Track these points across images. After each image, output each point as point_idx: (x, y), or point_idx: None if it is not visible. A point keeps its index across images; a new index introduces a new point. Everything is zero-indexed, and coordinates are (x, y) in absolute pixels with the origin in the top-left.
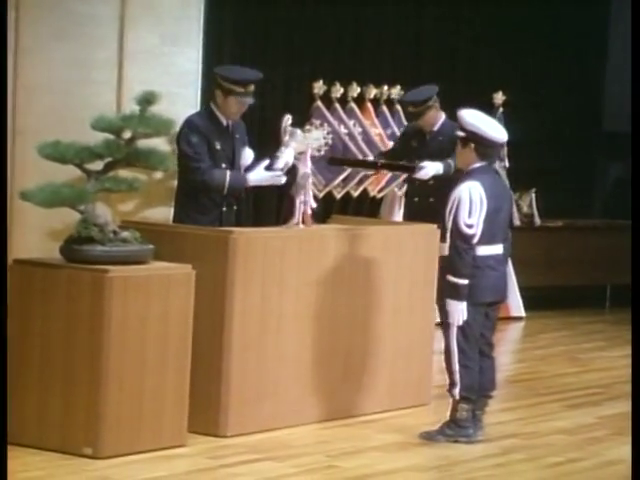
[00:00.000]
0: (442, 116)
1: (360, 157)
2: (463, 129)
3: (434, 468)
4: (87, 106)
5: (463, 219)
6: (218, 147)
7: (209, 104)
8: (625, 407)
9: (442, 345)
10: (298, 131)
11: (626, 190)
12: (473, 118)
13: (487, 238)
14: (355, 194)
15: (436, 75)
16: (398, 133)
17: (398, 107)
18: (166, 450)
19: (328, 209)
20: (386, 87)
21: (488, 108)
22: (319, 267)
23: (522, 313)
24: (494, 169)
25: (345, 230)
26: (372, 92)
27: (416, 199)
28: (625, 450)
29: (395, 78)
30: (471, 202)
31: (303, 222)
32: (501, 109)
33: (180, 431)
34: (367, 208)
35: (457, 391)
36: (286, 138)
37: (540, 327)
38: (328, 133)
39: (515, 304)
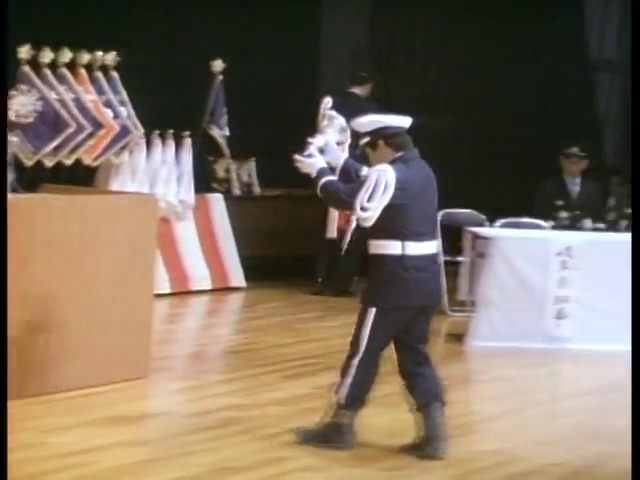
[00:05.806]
0: None
1: (72, 123)
2: (366, 133)
3: (150, 442)
4: None
5: (362, 200)
6: None
7: None
8: None
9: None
10: (338, 118)
11: None
12: (370, 118)
13: (415, 234)
14: (68, 162)
15: (149, 44)
16: (114, 100)
17: (114, 73)
18: None
19: (37, 178)
20: (101, 53)
21: (206, 76)
22: (29, 239)
23: (243, 283)
24: (416, 156)
25: (57, 199)
26: (85, 58)
27: None
28: None
29: (110, 44)
30: (376, 185)
31: None
32: (221, 77)
33: None
34: (81, 176)
35: (344, 395)
36: (324, 123)
37: (259, 297)
38: (37, 99)
39: (236, 274)
